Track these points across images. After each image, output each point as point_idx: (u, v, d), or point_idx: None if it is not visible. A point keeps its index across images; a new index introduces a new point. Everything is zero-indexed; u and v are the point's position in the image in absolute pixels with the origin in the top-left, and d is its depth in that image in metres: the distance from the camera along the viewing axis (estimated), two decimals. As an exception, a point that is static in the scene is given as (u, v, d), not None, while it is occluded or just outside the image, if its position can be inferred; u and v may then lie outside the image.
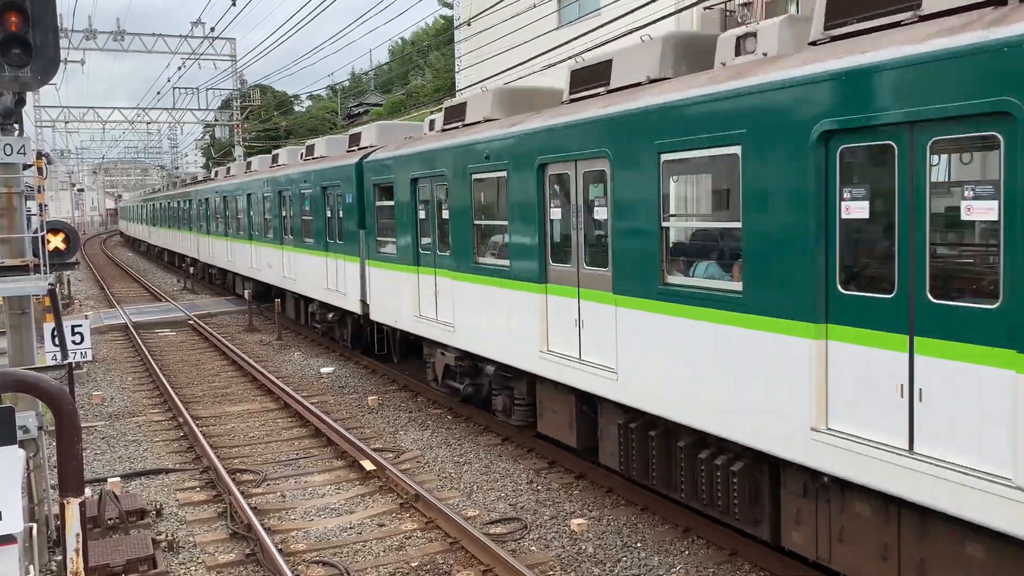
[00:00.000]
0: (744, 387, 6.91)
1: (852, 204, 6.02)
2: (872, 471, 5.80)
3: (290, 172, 20.29)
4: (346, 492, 9.84)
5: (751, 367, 6.83)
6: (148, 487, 10.23)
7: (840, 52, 6.12)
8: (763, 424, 6.73)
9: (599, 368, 8.74)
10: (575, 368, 9.17)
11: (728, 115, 6.93)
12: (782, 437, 6.54)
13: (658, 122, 7.75)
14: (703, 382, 7.36)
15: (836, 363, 6.14)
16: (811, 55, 6.44)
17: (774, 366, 6.61)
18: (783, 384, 6.53)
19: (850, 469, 5.97)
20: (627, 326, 8.31)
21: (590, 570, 7.58)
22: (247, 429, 12.75)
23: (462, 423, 12.54)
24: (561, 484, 9.76)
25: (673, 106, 7.58)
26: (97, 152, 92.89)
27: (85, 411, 13.84)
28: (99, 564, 7.56)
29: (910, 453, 5.59)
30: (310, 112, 66.82)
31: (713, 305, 7.19)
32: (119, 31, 40.79)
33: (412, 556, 7.97)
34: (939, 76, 5.30)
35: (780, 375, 6.56)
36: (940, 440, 5.45)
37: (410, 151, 13.22)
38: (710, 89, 7.20)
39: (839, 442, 6.04)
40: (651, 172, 7.86)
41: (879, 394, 5.82)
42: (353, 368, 16.92)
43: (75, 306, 27.76)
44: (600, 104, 8.83)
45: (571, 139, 9.09)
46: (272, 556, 7.76)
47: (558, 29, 22.55)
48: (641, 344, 8.14)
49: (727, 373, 7.08)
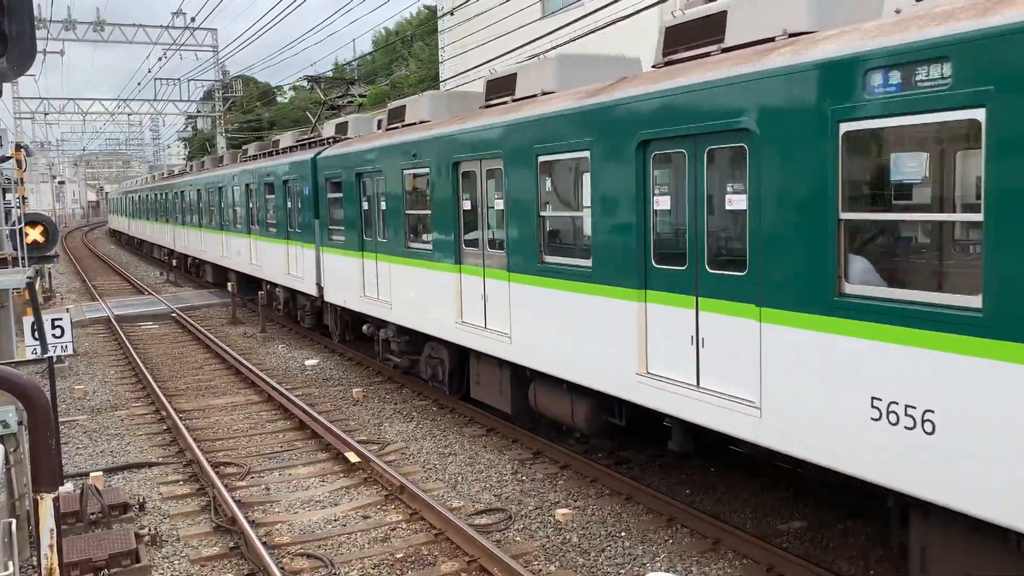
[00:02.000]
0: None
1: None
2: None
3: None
4: (331, 484, 9.82)
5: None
6: (131, 481, 10.18)
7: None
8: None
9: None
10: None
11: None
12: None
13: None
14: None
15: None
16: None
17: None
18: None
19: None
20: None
21: (574, 560, 7.60)
22: (231, 422, 12.69)
23: (447, 414, 12.54)
24: (546, 474, 9.77)
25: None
26: (78, 144, 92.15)
27: (67, 405, 13.74)
28: (81, 559, 7.51)
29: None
30: (293, 103, 66.40)
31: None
32: (99, 21, 40.34)
33: (397, 548, 7.97)
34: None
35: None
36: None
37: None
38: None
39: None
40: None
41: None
42: (338, 360, 16.88)
43: (56, 300, 27.52)
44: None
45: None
46: (256, 549, 7.73)
47: (542, 19, 22.49)
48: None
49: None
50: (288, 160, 18.60)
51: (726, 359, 6.93)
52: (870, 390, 5.63)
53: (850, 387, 5.78)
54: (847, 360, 5.80)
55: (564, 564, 7.53)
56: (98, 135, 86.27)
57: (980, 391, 4.98)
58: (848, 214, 5.80)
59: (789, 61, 6.16)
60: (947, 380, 5.13)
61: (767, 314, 6.42)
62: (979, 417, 4.99)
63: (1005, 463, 4.84)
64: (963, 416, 5.06)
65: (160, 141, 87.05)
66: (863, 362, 5.68)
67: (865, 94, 5.54)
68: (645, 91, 7.66)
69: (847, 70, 5.64)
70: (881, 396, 5.54)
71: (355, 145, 14.90)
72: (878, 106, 5.47)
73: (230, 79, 50.13)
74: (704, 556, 7.56)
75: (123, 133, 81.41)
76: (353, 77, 28.20)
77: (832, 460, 6.01)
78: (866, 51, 5.53)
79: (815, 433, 6.09)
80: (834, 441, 5.94)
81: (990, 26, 4.80)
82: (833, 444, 5.96)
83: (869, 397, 5.64)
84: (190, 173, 32.85)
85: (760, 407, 6.53)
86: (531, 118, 9.43)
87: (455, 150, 10.99)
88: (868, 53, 5.51)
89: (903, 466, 5.42)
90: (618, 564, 7.50)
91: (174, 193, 33.14)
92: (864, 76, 5.53)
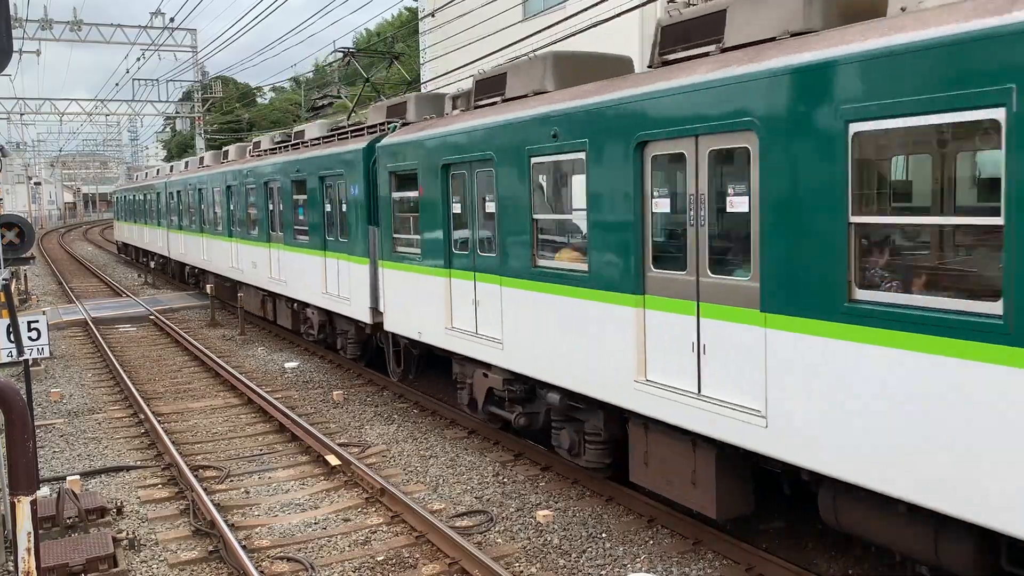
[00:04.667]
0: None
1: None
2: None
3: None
4: (311, 487, 9.78)
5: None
6: (108, 485, 10.08)
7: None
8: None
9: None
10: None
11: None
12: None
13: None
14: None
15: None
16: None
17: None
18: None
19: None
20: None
21: (555, 561, 7.61)
22: (210, 425, 12.61)
23: (428, 416, 12.52)
24: (527, 476, 9.78)
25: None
26: (55, 145, 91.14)
27: (43, 408, 13.59)
28: (58, 563, 7.43)
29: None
30: (273, 104, 66.11)
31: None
32: (76, 21, 39.90)
33: (378, 550, 7.94)
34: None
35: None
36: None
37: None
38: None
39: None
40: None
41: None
42: (318, 363, 16.80)
43: (33, 302, 27.22)
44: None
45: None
46: (236, 553, 7.68)
47: (523, 21, 22.53)
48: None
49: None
50: (327, 152, 15.09)
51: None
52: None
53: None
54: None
55: (545, 566, 7.54)
56: (75, 136, 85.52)
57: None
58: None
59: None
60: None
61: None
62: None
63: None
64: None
65: (139, 142, 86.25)
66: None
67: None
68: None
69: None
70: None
71: (443, 126, 11.29)
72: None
73: (209, 80, 49.80)
74: (684, 557, 7.60)
75: (101, 134, 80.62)
76: (397, 52, 27.28)
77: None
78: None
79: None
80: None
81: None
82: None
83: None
84: (210, 166, 25.76)
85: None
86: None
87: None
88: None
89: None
90: (599, 565, 7.51)
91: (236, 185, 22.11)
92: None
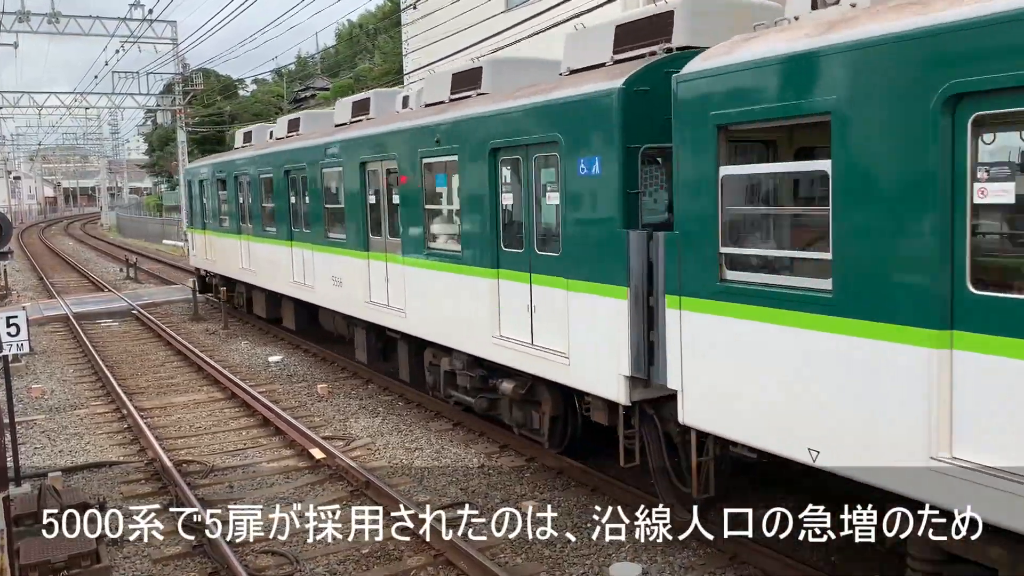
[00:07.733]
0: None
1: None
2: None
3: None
4: (295, 481, 9.75)
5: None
6: (91, 481, 10.01)
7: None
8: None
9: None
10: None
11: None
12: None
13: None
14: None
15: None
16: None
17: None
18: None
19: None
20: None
21: (540, 552, 7.63)
22: (193, 420, 12.54)
23: (413, 409, 12.51)
24: (512, 468, 9.79)
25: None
26: (34, 139, 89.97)
27: (24, 405, 13.46)
28: (40, 560, 7.34)
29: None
30: (255, 96, 65.63)
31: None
32: (54, 13, 39.33)
33: (363, 543, 7.93)
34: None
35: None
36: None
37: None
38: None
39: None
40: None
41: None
42: (302, 356, 16.75)
43: (13, 297, 26.96)
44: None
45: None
46: (220, 547, 7.66)
47: (505, 12, 22.44)
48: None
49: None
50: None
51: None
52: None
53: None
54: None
55: (531, 556, 7.56)
56: (55, 129, 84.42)
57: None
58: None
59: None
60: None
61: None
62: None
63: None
64: None
65: (119, 136, 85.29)
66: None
67: None
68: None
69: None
70: None
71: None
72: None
73: (190, 72, 49.30)
74: (669, 546, 7.63)
75: (80, 127, 79.59)
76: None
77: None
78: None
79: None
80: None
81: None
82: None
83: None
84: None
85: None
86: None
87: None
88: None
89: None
90: (584, 556, 7.54)
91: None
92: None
